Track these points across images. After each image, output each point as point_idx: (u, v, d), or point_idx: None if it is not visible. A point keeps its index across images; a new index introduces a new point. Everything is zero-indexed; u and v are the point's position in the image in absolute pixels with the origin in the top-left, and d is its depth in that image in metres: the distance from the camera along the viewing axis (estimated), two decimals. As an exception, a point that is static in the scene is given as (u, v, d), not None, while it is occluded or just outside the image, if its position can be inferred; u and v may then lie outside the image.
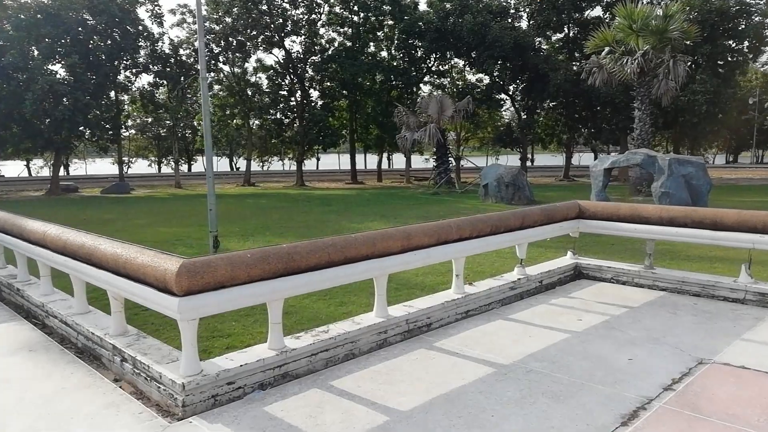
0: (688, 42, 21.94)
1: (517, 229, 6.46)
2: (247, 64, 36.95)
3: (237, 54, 34.95)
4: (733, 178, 34.25)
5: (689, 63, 21.46)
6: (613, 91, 30.04)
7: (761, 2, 30.75)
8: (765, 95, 45.86)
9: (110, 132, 31.51)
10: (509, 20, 34.51)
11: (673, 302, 6.16)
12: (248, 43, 33.98)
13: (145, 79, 33.90)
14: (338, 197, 24.72)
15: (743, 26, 30.58)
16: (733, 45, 31.69)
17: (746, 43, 31.80)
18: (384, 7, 34.98)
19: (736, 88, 35.29)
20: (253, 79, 37.29)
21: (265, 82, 37.23)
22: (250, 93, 35.88)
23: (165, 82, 34.32)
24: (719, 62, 31.64)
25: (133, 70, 33.16)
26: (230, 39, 32.79)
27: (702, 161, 16.66)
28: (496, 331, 5.29)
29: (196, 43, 33.55)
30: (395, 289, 6.94)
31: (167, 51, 33.78)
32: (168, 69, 33.66)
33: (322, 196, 25.22)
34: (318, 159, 54.05)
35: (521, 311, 5.90)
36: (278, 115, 37.27)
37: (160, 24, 33.53)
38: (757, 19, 30.55)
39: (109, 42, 30.04)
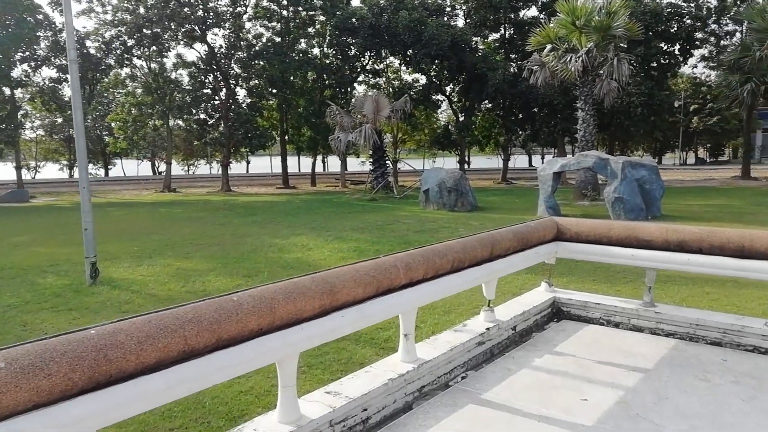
0: (623, 46, 21.30)
1: (486, 261, 4.69)
2: (166, 60, 33.95)
3: (153, 48, 31.86)
4: (667, 180, 34.51)
5: (631, 62, 20.76)
6: (551, 92, 29.38)
7: (692, 5, 31.04)
8: (689, 99, 47.22)
9: (5, 133, 27.79)
10: (445, 18, 33.32)
11: (694, 358, 4.58)
12: (165, 36, 31.00)
13: (46, 74, 29.98)
14: (265, 205, 22.47)
15: (675, 29, 30.71)
16: (665, 47, 31.82)
17: (677, 46, 32.03)
18: (315, 1, 32.94)
19: (669, 90, 35.69)
20: (173, 75, 34.26)
21: (186, 79, 34.28)
22: (169, 91, 32.80)
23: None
24: (652, 64, 31.68)
25: (32, 64, 29.47)
26: (144, 31, 29.70)
27: (654, 164, 15.76)
28: (467, 429, 3.48)
29: (107, 34, 30.44)
30: (314, 357, 5.01)
31: (72, 42, 30.21)
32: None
33: (247, 204, 22.88)
34: (248, 162, 51.24)
35: (496, 384, 4.13)
36: (201, 115, 34.40)
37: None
38: (688, 21, 30.75)
39: (2, 31, 26.42)
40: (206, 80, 33.87)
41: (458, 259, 4.31)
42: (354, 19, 32.23)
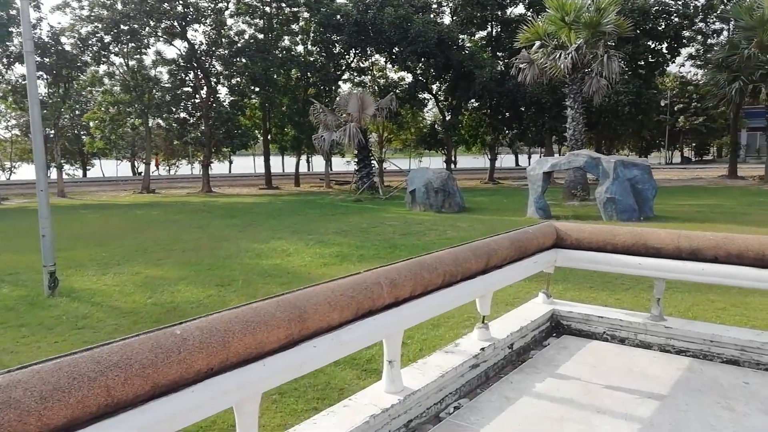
0: (611, 43, 20.97)
1: (480, 273, 4.18)
2: (145, 57, 33.06)
3: (131, 44, 30.97)
4: (655, 179, 34.35)
5: (621, 60, 20.43)
6: (539, 90, 29.02)
7: (680, 3, 30.88)
8: (675, 98, 47.26)
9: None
10: (432, 15, 32.83)
11: (713, 381, 4.10)
12: (143, 32, 30.15)
13: (20, 71, 28.93)
14: (246, 206, 21.80)
15: (663, 26, 30.51)
16: (653, 46, 31.63)
17: (665, 44, 31.85)
18: (298, -4, 32.32)
19: (656, 89, 35.55)
20: (152, 73, 33.36)
21: (166, 77, 33.40)
22: (147, 89, 31.90)
23: (44, 75, 29.74)
24: (640, 63, 31.47)
25: (4, 60, 28.47)
26: (121, 27, 28.82)
27: (647, 164, 15.39)
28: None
29: (83, 30, 29.53)
30: (287, 383, 4.44)
31: (46, 39, 29.27)
32: (48, 60, 29.17)
33: (228, 206, 22.19)
34: (230, 162, 50.38)
35: (494, 417, 3.60)
36: (182, 114, 33.54)
37: (38, 8, 29.05)
38: (676, 19, 30.57)
39: (-27, 27, 25.48)
40: (186, 78, 33.04)
41: (450, 273, 3.79)
42: (339, 16, 31.62)
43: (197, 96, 32.92)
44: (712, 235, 4.55)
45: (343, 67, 36.08)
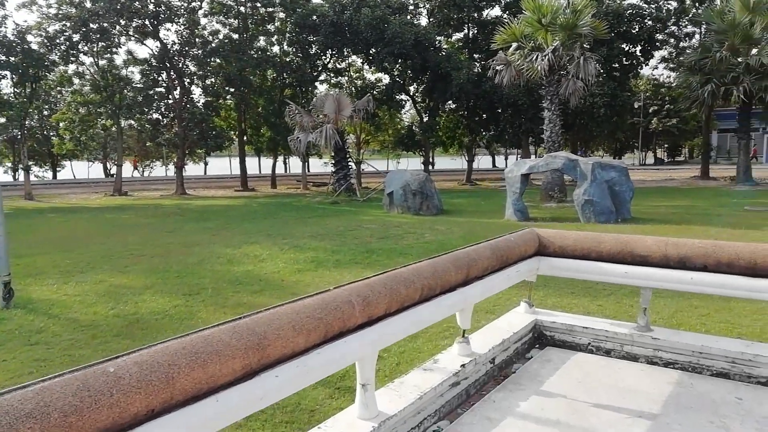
0: (587, 46, 21.03)
1: (461, 285, 3.92)
2: (116, 56, 32.23)
3: (101, 44, 30.15)
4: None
5: (596, 62, 20.46)
6: (516, 92, 29.06)
7: (653, 6, 31.20)
8: (648, 100, 47.88)
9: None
10: (408, 17, 32.65)
11: (704, 396, 3.90)
12: (114, 31, 29.38)
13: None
14: (220, 209, 21.30)
15: (636, 29, 30.80)
16: (627, 49, 31.92)
17: (639, 47, 32.16)
18: (274, -3, 31.86)
19: (630, 92, 35.90)
20: (123, 73, 32.54)
21: (138, 77, 32.60)
22: (118, 89, 31.06)
23: (9, 75, 28.75)
24: (614, 65, 31.73)
25: (-32, 59, 27.45)
26: (90, 25, 28.01)
27: (624, 165, 15.37)
28: None
29: (50, 29, 28.66)
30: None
31: (11, 37, 28.29)
32: (13, 59, 28.20)
33: (201, 208, 21.65)
34: (206, 164, 49.56)
35: (477, 442, 3.35)
36: (155, 115, 32.79)
37: (2, 5, 28.04)
38: (649, 23, 30.89)
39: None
40: (159, 78, 32.30)
41: (428, 286, 3.52)
42: (315, 17, 31.26)
43: (170, 97, 32.21)
44: (700, 243, 4.36)
45: (320, 68, 35.71)
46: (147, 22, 29.78)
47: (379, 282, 3.14)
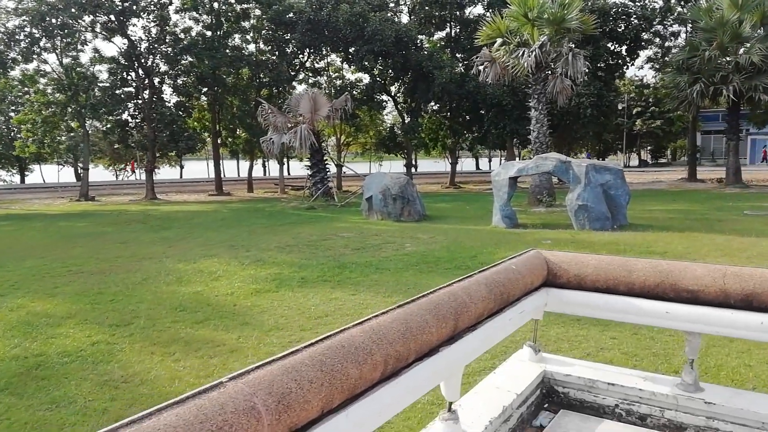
0: (572, 45, 20.02)
1: (446, 342, 2.70)
2: (81, 54, 30.60)
3: (65, 40, 28.51)
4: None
5: (585, 59, 19.44)
6: (500, 92, 28.04)
7: (638, 5, 30.43)
8: (633, 101, 47.33)
9: None
10: (389, 14, 31.48)
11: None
12: (76, 26, 27.76)
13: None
14: (187, 215, 19.87)
15: (622, 28, 29.99)
16: (613, 48, 31.10)
17: (625, 47, 31.37)
18: (248, -8, 30.49)
19: (615, 92, 35.13)
20: (89, 71, 30.83)
21: (105, 76, 30.95)
22: (83, 88, 29.37)
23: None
24: (600, 65, 30.88)
25: None
26: (51, 19, 26.38)
27: (619, 168, 14.33)
28: None
29: (9, 24, 26.98)
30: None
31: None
32: (-35, 56, 26.47)
33: (166, 215, 20.19)
34: (181, 167, 47.93)
35: None
36: (123, 116, 31.16)
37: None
38: (635, 21, 30.10)
39: None
40: (128, 77, 30.71)
41: (395, 356, 2.26)
42: (291, 14, 29.98)
43: (140, 96, 30.62)
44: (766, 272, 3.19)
45: (298, 67, 34.40)
46: (112, 17, 28.21)
47: (309, 363, 1.88)
